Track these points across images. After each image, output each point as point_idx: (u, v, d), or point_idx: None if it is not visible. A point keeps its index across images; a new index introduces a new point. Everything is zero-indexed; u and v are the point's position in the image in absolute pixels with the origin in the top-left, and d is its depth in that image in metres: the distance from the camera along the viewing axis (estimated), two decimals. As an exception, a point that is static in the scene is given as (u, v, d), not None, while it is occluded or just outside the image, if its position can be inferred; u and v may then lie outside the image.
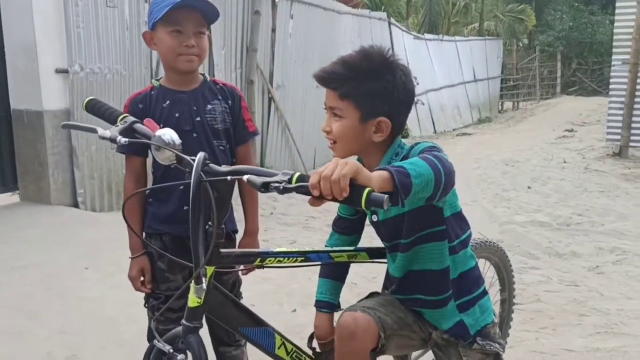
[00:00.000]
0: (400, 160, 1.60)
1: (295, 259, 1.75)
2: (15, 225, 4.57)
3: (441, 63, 15.22)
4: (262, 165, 7.28)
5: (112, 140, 1.65)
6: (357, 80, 1.59)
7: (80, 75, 5.17)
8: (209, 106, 2.11)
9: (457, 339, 1.75)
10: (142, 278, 2.11)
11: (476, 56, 17.51)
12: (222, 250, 1.59)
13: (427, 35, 15.17)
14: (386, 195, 1.18)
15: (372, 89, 1.58)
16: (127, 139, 1.63)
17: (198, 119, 2.09)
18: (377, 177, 1.26)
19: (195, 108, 2.09)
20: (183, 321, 1.57)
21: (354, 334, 1.64)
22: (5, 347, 2.83)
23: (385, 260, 1.88)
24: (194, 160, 1.52)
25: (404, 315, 1.78)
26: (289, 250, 1.77)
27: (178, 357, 1.50)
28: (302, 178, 1.28)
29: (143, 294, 2.15)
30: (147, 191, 2.15)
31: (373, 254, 1.90)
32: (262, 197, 2.52)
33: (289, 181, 1.29)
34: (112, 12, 5.44)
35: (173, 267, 2.08)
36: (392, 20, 12.78)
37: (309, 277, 3.80)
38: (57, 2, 4.96)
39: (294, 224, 5.71)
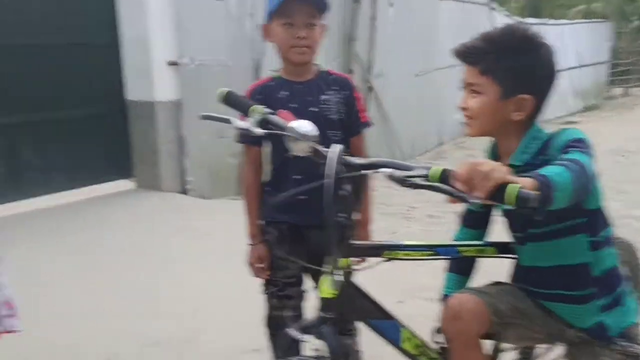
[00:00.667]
0: (540, 149, 1.54)
1: (423, 252, 1.73)
2: (132, 210, 4.83)
3: (545, 48, 14.60)
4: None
5: (248, 131, 1.69)
6: (498, 54, 1.53)
7: (190, 67, 5.37)
8: (324, 97, 2.11)
9: (595, 339, 1.66)
10: (260, 265, 2.15)
11: (582, 40, 16.61)
12: (353, 241, 1.59)
13: (530, 20, 14.56)
14: (536, 193, 1.13)
15: (514, 64, 1.53)
16: (263, 130, 1.67)
17: (314, 109, 2.10)
18: (523, 184, 1.20)
19: (310, 99, 2.10)
20: (319, 311, 1.57)
21: (459, 315, 1.62)
22: (128, 326, 3.00)
23: (513, 256, 1.82)
24: (327, 151, 1.52)
25: (526, 307, 1.71)
26: (418, 243, 1.74)
27: (314, 346, 1.52)
28: (444, 174, 1.25)
29: (259, 281, 2.19)
30: (265, 180, 2.19)
31: (501, 248, 1.83)
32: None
33: (427, 175, 1.28)
34: (219, 5, 5.60)
35: (291, 254, 2.11)
36: (494, 5, 12.34)
37: (413, 268, 3.76)
38: (168, -4, 5.16)
39: (394, 213, 5.66)
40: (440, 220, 5.21)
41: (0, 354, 2.21)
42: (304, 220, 2.09)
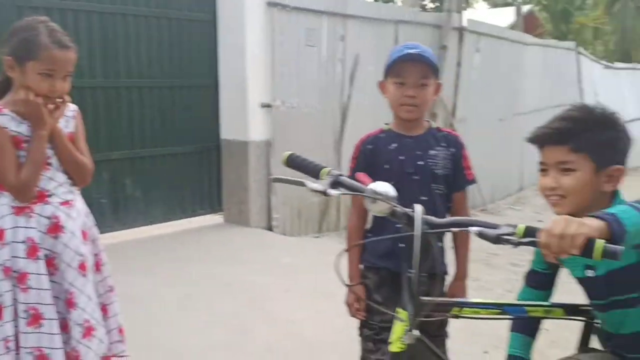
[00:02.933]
0: None
1: (491, 310, 1.76)
2: (221, 244, 5.07)
3: (634, 93, 14.12)
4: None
5: (324, 193, 1.69)
6: (589, 131, 1.61)
7: (281, 109, 5.64)
8: (432, 152, 2.22)
9: None
10: (357, 306, 2.26)
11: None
12: (422, 298, 1.64)
13: (618, 64, 14.18)
14: (621, 247, 1.19)
15: (603, 138, 1.61)
16: (338, 192, 1.70)
17: (421, 162, 2.21)
18: (595, 226, 1.27)
19: (419, 153, 2.21)
20: None
21: None
22: (219, 357, 3.16)
23: (582, 318, 1.84)
24: (410, 211, 1.59)
25: None
26: (486, 301, 1.78)
27: None
28: (529, 231, 1.33)
29: (352, 322, 2.29)
30: (367, 226, 2.32)
31: (569, 310, 1.86)
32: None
33: (515, 233, 1.36)
34: (311, 51, 5.87)
35: (389, 300, 2.21)
36: (581, 49, 12.15)
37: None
38: (266, 43, 5.47)
39: (475, 260, 5.63)
40: (523, 269, 5.15)
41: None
42: (399, 267, 2.20)
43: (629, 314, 1.66)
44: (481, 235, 1.43)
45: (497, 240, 1.39)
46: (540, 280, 1.93)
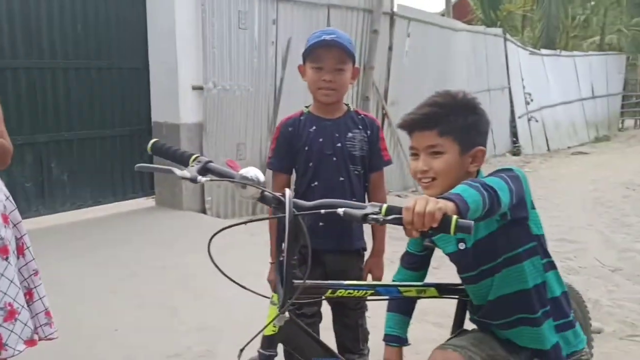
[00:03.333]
0: None
1: (364, 292, 1.84)
2: (153, 227, 5.05)
3: (557, 79, 14.76)
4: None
5: (193, 180, 1.65)
6: (454, 116, 1.71)
7: (213, 91, 5.62)
8: (350, 134, 2.32)
9: None
10: None
11: (596, 72, 16.80)
12: (295, 281, 1.66)
13: (543, 51, 14.79)
14: (472, 221, 1.29)
15: (467, 122, 1.72)
16: (207, 178, 1.66)
17: (339, 145, 2.31)
18: (448, 206, 1.36)
19: (337, 135, 2.31)
20: (259, 349, 1.68)
21: None
22: (149, 340, 3.18)
23: (454, 297, 1.95)
24: (281, 196, 1.60)
25: (495, 352, 1.82)
26: (359, 283, 1.88)
27: None
28: (391, 210, 1.39)
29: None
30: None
31: (442, 289, 1.94)
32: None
33: (379, 212, 1.41)
34: (243, 33, 5.87)
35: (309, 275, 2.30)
36: (508, 36, 12.59)
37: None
38: (197, 24, 5.44)
39: (399, 238, 5.84)
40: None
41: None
42: (321, 245, 2.27)
43: (494, 281, 1.78)
44: (346, 214, 1.45)
45: (363, 219, 1.42)
46: (415, 261, 2.03)
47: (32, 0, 4.78)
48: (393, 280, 2.04)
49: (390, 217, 1.37)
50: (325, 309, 2.46)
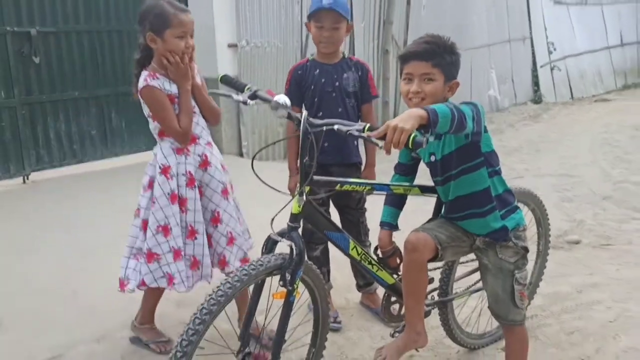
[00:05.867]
0: None
1: (364, 187, 2.42)
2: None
3: (583, 28, 14.84)
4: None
5: (244, 102, 2.29)
6: (442, 52, 2.20)
7: (246, 48, 6.35)
8: (345, 75, 3.05)
9: (496, 241, 2.32)
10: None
11: (625, 19, 16.73)
12: (315, 177, 2.22)
13: (569, 0, 14.89)
14: (424, 138, 1.76)
15: (450, 59, 2.22)
16: (254, 101, 2.29)
17: (337, 83, 3.04)
18: (420, 114, 1.82)
19: (335, 76, 3.04)
20: (288, 222, 2.18)
21: (416, 248, 2.22)
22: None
23: (433, 194, 2.46)
24: (300, 116, 2.15)
25: (455, 230, 2.34)
26: (360, 180, 2.50)
27: (286, 243, 2.14)
28: (371, 128, 1.91)
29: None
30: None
31: (424, 189, 2.47)
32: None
33: (363, 129, 1.93)
34: (272, -6, 6.54)
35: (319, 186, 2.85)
36: (529, -14, 12.79)
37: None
38: (230, -11, 6.14)
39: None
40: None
41: None
42: (328, 160, 2.99)
43: (451, 185, 2.31)
44: (339, 131, 2.02)
45: (346, 134, 1.99)
46: (405, 169, 2.59)
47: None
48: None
49: (368, 134, 1.89)
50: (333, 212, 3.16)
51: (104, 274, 3.50)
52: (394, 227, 2.59)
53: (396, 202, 2.59)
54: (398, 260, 2.55)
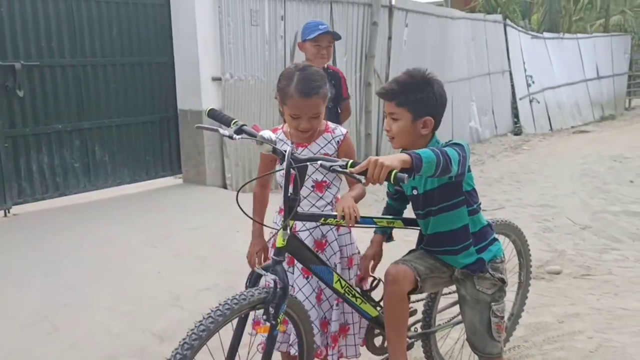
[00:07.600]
0: None
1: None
2: (182, 199, 5.88)
3: (561, 61, 15.26)
4: (377, 157, 8.20)
5: (230, 137, 2.27)
6: (407, 92, 2.23)
7: (230, 82, 6.42)
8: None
9: (473, 272, 2.37)
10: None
11: (600, 53, 17.20)
12: (299, 212, 2.28)
13: (546, 34, 15.28)
14: (406, 175, 1.79)
15: (418, 97, 2.23)
16: (240, 136, 2.26)
17: None
18: (403, 158, 1.87)
19: None
20: (272, 256, 2.24)
21: (396, 279, 2.28)
22: (185, 279, 4.00)
23: (416, 227, 2.50)
24: (284, 152, 2.17)
25: (434, 261, 2.40)
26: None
27: (270, 277, 2.15)
28: (354, 164, 1.93)
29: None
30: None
31: (406, 222, 2.51)
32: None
33: (346, 165, 1.96)
34: (255, 30, 6.65)
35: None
36: (508, 21, 13.15)
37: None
38: (214, 24, 6.23)
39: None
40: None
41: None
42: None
43: (431, 221, 2.36)
44: (322, 166, 2.07)
45: (330, 169, 2.03)
46: (395, 195, 2.66)
47: (76, 9, 5.60)
48: (386, 205, 2.69)
49: (349, 170, 1.94)
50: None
51: (86, 309, 3.48)
52: (388, 235, 2.65)
53: (393, 212, 2.67)
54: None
